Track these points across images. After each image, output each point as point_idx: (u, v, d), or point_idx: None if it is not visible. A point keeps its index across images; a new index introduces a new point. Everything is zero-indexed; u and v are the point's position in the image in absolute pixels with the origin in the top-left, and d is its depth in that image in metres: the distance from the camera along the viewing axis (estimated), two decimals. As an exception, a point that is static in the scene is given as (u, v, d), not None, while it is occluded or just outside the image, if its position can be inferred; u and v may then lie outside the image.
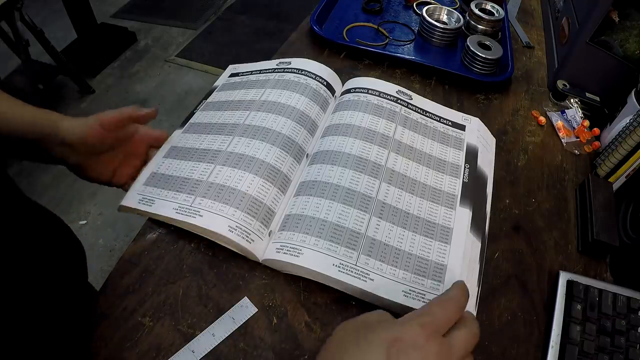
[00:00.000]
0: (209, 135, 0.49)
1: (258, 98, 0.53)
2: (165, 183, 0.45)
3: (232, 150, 0.46)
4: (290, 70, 0.56)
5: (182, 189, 0.44)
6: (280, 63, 0.59)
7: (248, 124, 0.49)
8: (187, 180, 0.44)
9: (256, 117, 0.50)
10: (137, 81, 2.06)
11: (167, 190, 0.44)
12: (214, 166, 0.45)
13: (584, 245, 0.46)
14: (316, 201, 0.43)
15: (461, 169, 0.49)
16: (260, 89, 0.54)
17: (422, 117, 0.54)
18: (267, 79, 0.56)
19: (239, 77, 0.59)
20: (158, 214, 0.43)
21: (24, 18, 1.54)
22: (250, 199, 0.42)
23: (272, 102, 0.52)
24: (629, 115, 0.52)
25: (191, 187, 0.44)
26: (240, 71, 0.61)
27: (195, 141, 0.49)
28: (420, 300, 0.38)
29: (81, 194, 1.55)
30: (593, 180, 0.50)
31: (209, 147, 0.48)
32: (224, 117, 0.52)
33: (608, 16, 0.57)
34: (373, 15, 0.76)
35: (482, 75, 0.65)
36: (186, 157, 0.47)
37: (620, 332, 0.39)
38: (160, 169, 0.47)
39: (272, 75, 0.57)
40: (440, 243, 0.42)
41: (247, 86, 0.56)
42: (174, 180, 0.45)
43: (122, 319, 0.38)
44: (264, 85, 0.55)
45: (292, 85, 0.54)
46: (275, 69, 0.57)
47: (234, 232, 0.40)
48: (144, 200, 0.44)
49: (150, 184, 0.46)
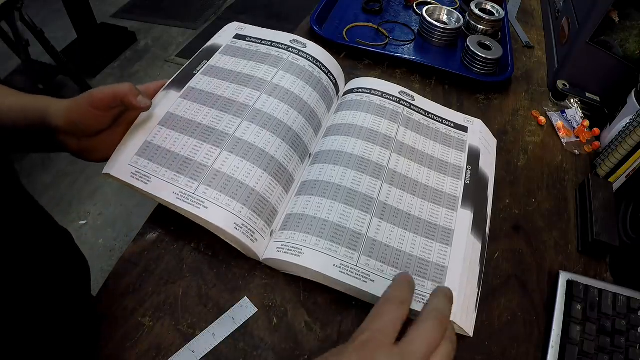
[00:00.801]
0: (213, 110, 0.46)
1: (270, 79, 0.50)
2: (162, 159, 0.42)
3: (240, 137, 0.44)
4: (305, 56, 0.53)
5: (184, 170, 0.41)
6: (294, 41, 0.55)
7: (259, 109, 0.46)
8: (189, 161, 0.42)
9: (267, 103, 0.47)
10: (137, 81, 2.05)
11: (165, 168, 0.41)
12: (220, 151, 0.42)
13: (584, 245, 0.46)
14: (318, 201, 0.43)
15: (463, 171, 0.49)
16: (272, 68, 0.51)
17: (425, 119, 0.53)
18: (279, 56, 0.52)
19: (246, 43, 0.54)
20: (155, 196, 0.40)
21: (24, 18, 1.54)
22: (257, 196, 0.41)
23: (285, 89, 0.49)
24: (629, 115, 0.52)
25: (194, 171, 0.41)
26: (247, 34, 0.56)
27: (197, 113, 0.45)
28: (421, 302, 0.38)
29: (81, 194, 1.55)
30: (593, 180, 0.50)
31: (214, 125, 0.44)
32: (230, 91, 0.48)
33: (608, 16, 0.57)
34: (373, 15, 0.76)
35: (482, 75, 0.65)
36: (186, 131, 0.44)
37: (620, 332, 0.39)
38: (156, 139, 0.43)
39: (285, 54, 0.53)
40: (441, 245, 0.42)
41: (258, 59, 0.52)
42: (174, 157, 0.42)
43: (122, 319, 0.38)
44: (276, 65, 0.51)
45: (306, 76, 0.51)
46: (289, 47, 0.54)
47: (240, 230, 0.39)
48: (138, 175, 0.41)
49: (144, 156, 0.42)
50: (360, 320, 0.39)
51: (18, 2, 1.48)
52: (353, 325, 0.39)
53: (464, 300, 0.39)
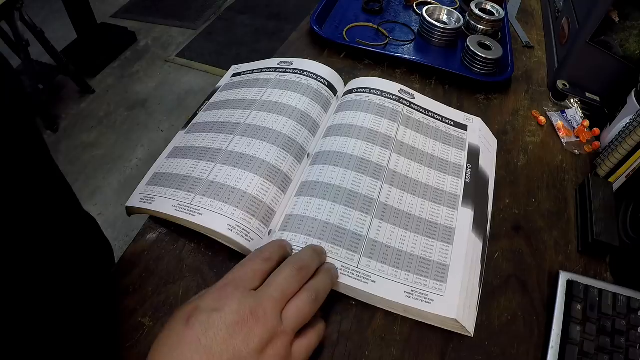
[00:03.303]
0: (210, 134, 0.50)
1: (259, 98, 0.53)
2: (165, 181, 0.45)
3: (232, 150, 0.47)
4: (291, 71, 0.57)
5: (182, 186, 0.44)
6: (281, 63, 0.59)
7: (249, 124, 0.49)
8: (187, 178, 0.45)
9: (257, 117, 0.50)
10: (137, 81, 2.06)
11: (167, 188, 0.44)
12: (214, 165, 0.45)
13: (584, 245, 0.46)
14: (318, 202, 0.43)
15: (463, 169, 0.49)
16: (261, 89, 0.54)
17: (425, 117, 0.54)
18: (268, 78, 0.56)
19: (240, 77, 0.59)
20: (158, 211, 0.43)
21: (24, 18, 1.54)
22: (250, 197, 0.42)
23: (273, 102, 0.52)
24: (629, 115, 0.52)
25: (191, 185, 0.44)
26: (242, 70, 0.61)
27: (196, 140, 0.49)
28: (423, 301, 0.38)
29: (81, 194, 1.55)
30: (593, 180, 0.50)
31: (210, 145, 0.48)
32: (225, 116, 0.52)
33: (608, 16, 0.57)
34: (373, 15, 0.76)
35: (482, 75, 0.65)
36: (187, 155, 0.48)
37: (620, 332, 0.39)
38: (162, 168, 0.47)
39: (273, 74, 0.57)
40: (442, 243, 0.42)
41: (249, 85, 0.56)
42: (174, 178, 0.45)
43: (122, 318, 0.38)
44: (265, 85, 0.55)
45: (293, 86, 0.54)
46: (277, 69, 0.58)
47: (233, 231, 0.40)
48: (145, 199, 0.44)
49: (152, 184, 0.46)
50: (360, 320, 0.39)
51: (18, 2, 1.48)
52: (353, 325, 0.39)
53: (466, 299, 0.39)
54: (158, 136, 1.80)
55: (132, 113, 1.91)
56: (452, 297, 0.38)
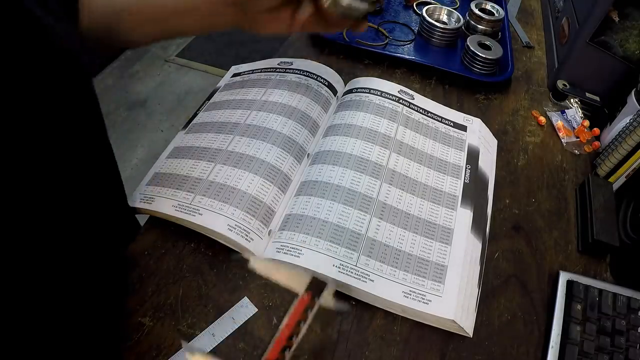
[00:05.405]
0: (210, 134, 0.50)
1: (259, 98, 0.53)
2: (165, 181, 0.45)
3: (232, 150, 0.47)
4: (291, 71, 0.57)
5: (182, 186, 0.44)
6: (281, 63, 0.59)
7: (249, 124, 0.49)
8: (187, 178, 0.45)
9: (257, 117, 0.50)
10: (137, 81, 2.06)
11: (167, 188, 0.44)
12: (214, 165, 0.45)
13: (584, 245, 0.46)
14: (317, 201, 0.43)
15: (462, 170, 0.49)
16: (261, 89, 0.54)
17: (424, 117, 0.54)
18: (268, 78, 0.56)
19: (240, 77, 0.59)
20: (158, 211, 0.43)
21: (24, 18, 1.54)
22: (249, 198, 0.42)
23: (273, 102, 0.52)
24: (629, 115, 0.52)
25: (191, 185, 0.44)
26: (242, 71, 0.61)
27: (196, 140, 0.50)
28: (421, 301, 0.38)
29: (81, 194, 1.55)
30: (593, 180, 0.50)
31: (210, 145, 0.48)
32: (225, 116, 0.52)
33: (608, 16, 0.57)
34: (373, 16, 0.76)
35: (482, 75, 0.65)
36: (187, 156, 0.48)
37: (620, 332, 0.39)
38: (162, 168, 0.47)
39: (273, 75, 0.57)
40: (440, 244, 0.42)
41: (249, 85, 0.56)
42: (174, 178, 0.45)
43: (122, 319, 0.38)
44: (265, 85, 0.55)
45: (293, 86, 0.54)
46: (277, 69, 0.58)
47: (233, 231, 0.40)
48: (145, 199, 0.44)
49: (152, 184, 0.46)
50: (360, 320, 0.39)
51: (18, 2, 1.47)
52: (353, 325, 0.39)
53: (464, 300, 0.39)
54: (158, 136, 1.80)
55: (132, 113, 1.91)
56: (450, 297, 0.38)
